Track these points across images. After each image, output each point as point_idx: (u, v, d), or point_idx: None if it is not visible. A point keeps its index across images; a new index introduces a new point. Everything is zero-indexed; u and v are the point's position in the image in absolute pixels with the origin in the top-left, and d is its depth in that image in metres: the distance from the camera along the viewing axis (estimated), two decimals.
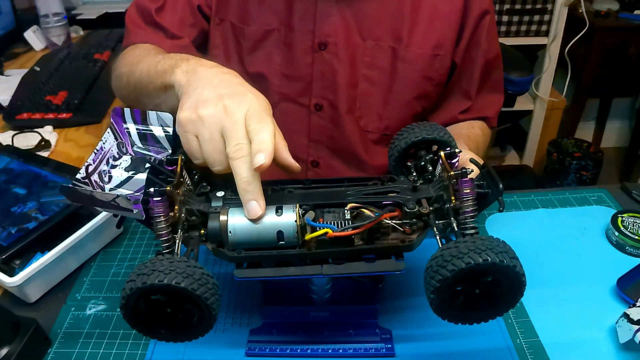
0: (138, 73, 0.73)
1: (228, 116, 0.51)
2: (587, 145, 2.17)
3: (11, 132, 1.04)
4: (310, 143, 0.93)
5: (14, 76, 1.29)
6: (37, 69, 1.31)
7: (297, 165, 0.54)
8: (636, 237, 0.70)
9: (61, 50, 1.42)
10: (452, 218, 0.49)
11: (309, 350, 0.59)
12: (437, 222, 0.51)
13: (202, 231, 0.51)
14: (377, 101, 0.90)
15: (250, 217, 0.50)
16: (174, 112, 0.63)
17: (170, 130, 0.56)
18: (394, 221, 0.50)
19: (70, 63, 1.33)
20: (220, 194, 0.54)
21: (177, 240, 0.49)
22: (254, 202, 0.49)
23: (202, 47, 0.93)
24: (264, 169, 0.48)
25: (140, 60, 0.75)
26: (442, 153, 0.54)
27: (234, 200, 0.53)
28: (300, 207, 0.50)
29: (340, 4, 0.84)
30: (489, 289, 0.44)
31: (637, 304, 0.60)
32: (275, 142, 0.50)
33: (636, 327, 0.55)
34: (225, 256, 0.50)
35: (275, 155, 0.51)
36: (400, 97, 0.89)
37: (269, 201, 0.52)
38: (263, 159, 0.48)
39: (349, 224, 0.49)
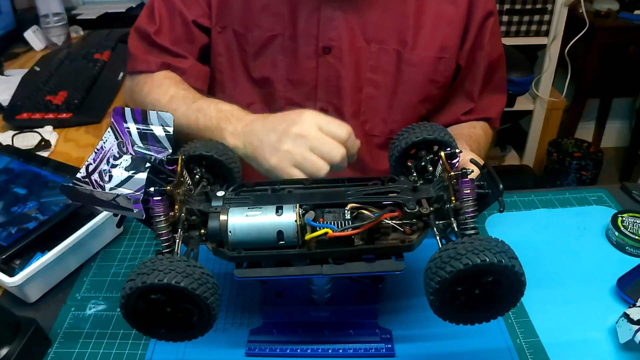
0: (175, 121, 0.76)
1: (307, 137, 0.65)
2: (587, 145, 2.17)
3: (11, 132, 1.04)
4: None
5: (14, 76, 1.29)
6: (37, 69, 1.31)
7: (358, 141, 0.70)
8: (636, 237, 0.70)
9: (61, 50, 1.42)
10: (452, 218, 0.49)
11: (309, 350, 0.59)
12: (437, 222, 0.51)
13: (202, 231, 0.51)
14: (382, 105, 0.90)
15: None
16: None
17: (170, 130, 0.56)
18: (394, 221, 0.50)
19: (70, 63, 1.33)
20: (220, 193, 0.54)
21: (177, 240, 0.49)
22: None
23: (204, 58, 0.94)
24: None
25: (169, 107, 0.80)
26: (442, 153, 0.54)
27: (234, 200, 0.53)
28: (300, 207, 0.50)
29: (343, 8, 0.84)
30: (488, 289, 0.44)
31: (637, 304, 0.60)
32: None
33: (636, 327, 0.55)
34: (225, 256, 0.50)
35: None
36: (405, 100, 0.89)
37: (269, 201, 0.52)
38: (358, 144, 0.70)
39: (349, 224, 0.49)
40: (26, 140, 1.01)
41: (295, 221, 0.49)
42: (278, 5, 0.85)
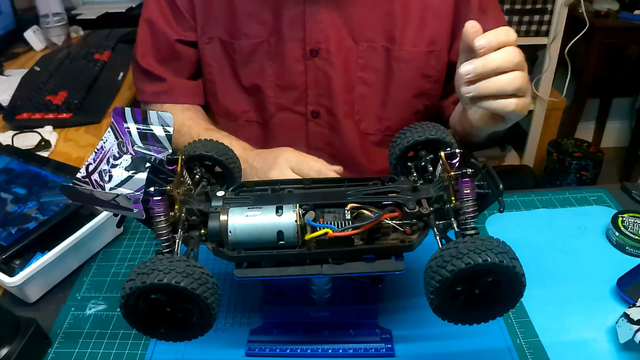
0: None
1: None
2: (587, 145, 2.17)
3: (11, 132, 1.04)
4: (310, 151, 0.93)
5: (14, 76, 1.29)
6: (37, 69, 1.31)
7: (340, 167, 0.77)
8: (636, 237, 0.70)
9: (61, 50, 1.42)
10: (452, 218, 0.49)
11: (309, 350, 0.59)
12: (437, 222, 0.51)
13: (202, 231, 0.51)
14: (375, 103, 0.89)
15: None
16: None
17: (170, 129, 0.56)
18: (394, 221, 0.50)
19: (70, 63, 1.33)
20: (220, 193, 0.54)
21: (177, 240, 0.49)
22: None
23: (197, 73, 0.95)
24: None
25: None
26: (442, 153, 0.54)
27: (234, 200, 0.53)
28: (300, 207, 0.50)
29: (328, 9, 0.84)
30: (488, 289, 0.44)
31: (637, 304, 0.60)
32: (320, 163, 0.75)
33: (636, 327, 0.55)
34: (225, 256, 0.50)
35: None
36: (398, 96, 0.89)
37: (269, 201, 0.52)
38: (338, 169, 0.76)
39: (349, 224, 0.49)
40: (26, 140, 1.01)
41: (295, 221, 0.49)
42: (262, 12, 0.85)
